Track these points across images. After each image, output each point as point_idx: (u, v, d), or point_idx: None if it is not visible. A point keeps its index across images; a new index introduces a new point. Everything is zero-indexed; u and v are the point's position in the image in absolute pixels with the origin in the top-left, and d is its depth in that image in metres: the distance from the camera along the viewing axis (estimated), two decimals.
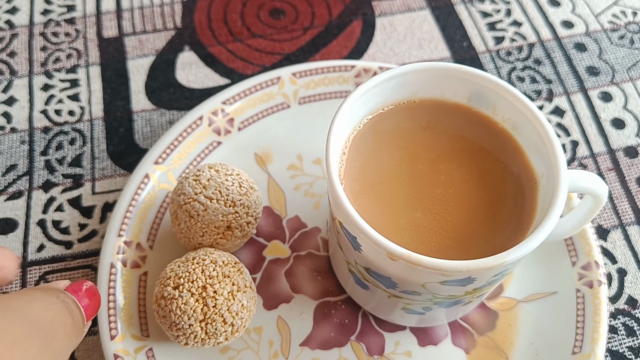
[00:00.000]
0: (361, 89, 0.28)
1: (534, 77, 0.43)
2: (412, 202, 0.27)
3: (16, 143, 0.40)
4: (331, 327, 0.33)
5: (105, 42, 0.44)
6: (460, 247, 0.27)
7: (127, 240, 0.34)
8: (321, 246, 0.35)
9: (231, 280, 0.30)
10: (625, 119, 0.41)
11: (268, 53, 0.43)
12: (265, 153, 0.38)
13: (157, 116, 0.40)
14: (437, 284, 0.25)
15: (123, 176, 0.38)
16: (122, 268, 0.33)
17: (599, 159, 0.39)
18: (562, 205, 0.25)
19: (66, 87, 0.42)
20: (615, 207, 0.37)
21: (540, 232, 0.24)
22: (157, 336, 0.32)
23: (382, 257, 0.25)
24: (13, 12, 0.45)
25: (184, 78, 0.42)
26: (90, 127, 0.40)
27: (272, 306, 0.34)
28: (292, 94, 0.39)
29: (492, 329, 0.33)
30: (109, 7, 0.46)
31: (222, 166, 0.33)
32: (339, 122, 0.27)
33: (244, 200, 0.32)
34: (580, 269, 0.33)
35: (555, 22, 0.45)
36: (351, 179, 0.28)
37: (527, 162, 0.29)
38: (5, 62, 0.43)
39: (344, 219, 0.25)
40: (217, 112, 0.37)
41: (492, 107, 0.29)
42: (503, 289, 0.34)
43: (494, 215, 0.27)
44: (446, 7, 0.46)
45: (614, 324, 0.34)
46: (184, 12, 0.45)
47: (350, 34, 0.44)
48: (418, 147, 0.29)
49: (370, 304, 0.32)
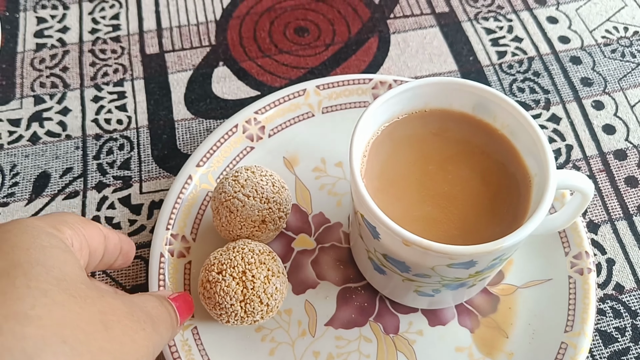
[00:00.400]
0: (380, 100, 0.32)
1: (533, 87, 0.47)
2: (424, 197, 0.32)
3: (71, 149, 0.44)
4: (352, 310, 0.37)
5: (148, 58, 0.49)
6: (464, 235, 0.31)
7: (173, 233, 0.38)
8: (343, 239, 0.40)
9: (266, 267, 0.34)
10: (616, 125, 0.45)
11: (294, 67, 0.48)
12: (293, 157, 0.42)
13: (196, 124, 0.45)
14: (445, 266, 0.29)
15: (166, 178, 0.43)
16: (169, 257, 0.38)
17: (591, 161, 0.43)
18: (550, 200, 0.29)
19: (114, 99, 0.47)
20: (606, 204, 0.42)
21: (531, 222, 0.28)
22: (200, 316, 0.36)
23: (397, 244, 0.29)
24: (64, 31, 0.51)
25: (219, 90, 0.47)
26: (136, 134, 0.45)
27: (300, 291, 0.37)
28: (317, 104, 0.43)
29: (494, 312, 0.37)
30: (151, 26, 0.51)
31: (257, 168, 0.37)
32: (361, 129, 0.32)
33: (276, 198, 0.36)
34: (572, 258, 0.37)
35: (553, 37, 0.50)
36: (371, 178, 0.32)
37: (522, 163, 0.33)
38: (59, 76, 0.48)
39: (366, 212, 0.30)
40: (251, 120, 0.42)
41: (492, 116, 0.34)
42: (504, 276, 0.38)
43: (494, 209, 0.32)
44: (454, 24, 0.50)
45: (603, 307, 0.38)
46: (217, 31, 0.50)
47: (368, 49, 0.49)
48: (429, 151, 0.33)
49: (386, 289, 0.37)
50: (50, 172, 0.43)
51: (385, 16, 0.51)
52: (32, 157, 0.44)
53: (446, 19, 0.51)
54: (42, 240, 0.23)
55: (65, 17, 0.51)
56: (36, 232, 0.24)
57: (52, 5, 0.52)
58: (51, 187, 0.42)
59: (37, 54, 0.49)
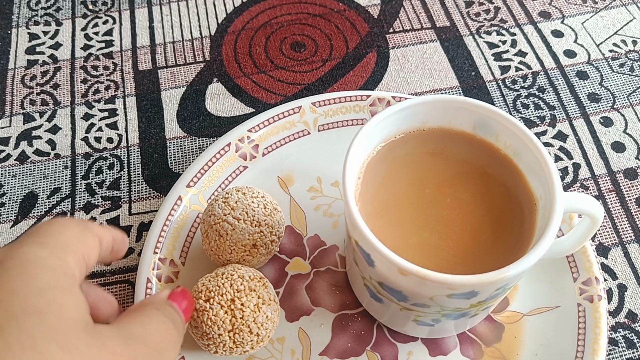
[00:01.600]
0: (375, 119, 0.31)
1: (538, 103, 0.45)
2: (421, 223, 0.30)
3: (60, 168, 0.43)
4: (348, 338, 0.36)
5: (141, 74, 0.48)
6: (465, 263, 0.29)
7: (161, 257, 0.37)
8: (339, 263, 0.38)
9: (257, 294, 0.32)
10: (625, 142, 0.43)
11: (290, 83, 0.47)
12: (288, 176, 0.41)
13: (188, 143, 0.44)
14: (444, 297, 0.28)
15: (157, 198, 0.42)
16: (157, 283, 0.36)
17: (600, 180, 0.42)
18: (557, 225, 0.27)
19: (105, 117, 0.45)
20: (616, 226, 0.40)
21: (537, 250, 0.27)
22: (188, 345, 0.34)
23: (393, 272, 0.27)
24: (56, 48, 0.50)
25: (213, 107, 0.46)
26: (127, 153, 0.44)
27: (293, 318, 0.36)
28: (312, 121, 0.42)
29: (499, 341, 0.35)
30: (144, 42, 0.49)
31: (249, 189, 0.36)
32: (355, 149, 0.30)
33: (268, 221, 0.35)
34: (582, 285, 0.36)
35: (559, 51, 0.48)
36: (366, 202, 0.31)
37: (527, 185, 0.31)
38: (49, 93, 0.47)
39: (359, 238, 0.28)
40: (244, 139, 0.41)
41: (494, 135, 0.32)
42: (509, 303, 0.36)
43: (496, 235, 0.30)
44: (455, 39, 0.49)
45: (615, 337, 0.36)
46: (212, 46, 0.49)
47: (366, 65, 0.48)
48: (427, 172, 0.32)
49: (384, 317, 0.35)
50: (38, 192, 0.42)
51: (384, 31, 0.50)
52: (19, 177, 0.42)
53: (447, 33, 0.49)
54: (41, 280, 0.22)
55: (57, 33, 0.50)
56: (35, 271, 0.22)
57: (45, 22, 0.51)
58: (38, 208, 0.41)
59: (28, 70, 0.48)
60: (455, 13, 0.51)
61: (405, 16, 0.51)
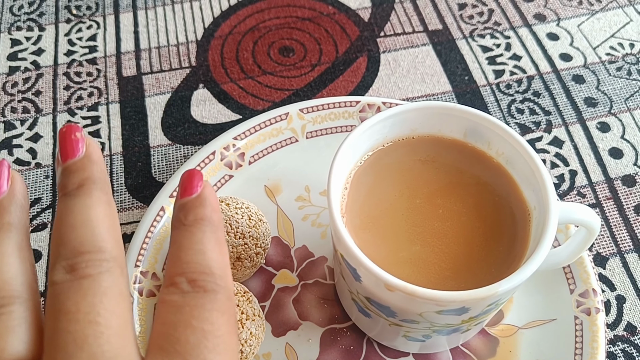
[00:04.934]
0: (362, 127, 0.30)
1: (533, 108, 0.44)
2: (411, 235, 0.29)
3: (41, 178, 0.42)
4: (337, 354, 0.34)
5: (125, 80, 0.46)
6: (457, 277, 0.28)
7: (143, 270, 0.36)
8: (327, 275, 0.37)
9: (240, 309, 0.31)
10: (623, 148, 0.42)
11: (278, 89, 0.45)
12: (275, 185, 0.40)
13: (173, 151, 0.43)
14: (434, 313, 0.27)
15: (140, 209, 0.40)
16: (138, 297, 0.35)
17: (597, 187, 0.40)
18: (551, 238, 0.26)
19: (88, 124, 0.44)
20: (614, 235, 0.38)
21: (530, 264, 0.25)
22: None
23: (380, 288, 0.26)
24: (39, 54, 0.48)
25: (198, 114, 0.44)
26: (109, 161, 0.42)
27: (280, 333, 0.35)
28: (300, 128, 0.41)
29: (493, 355, 0.34)
30: (129, 47, 0.48)
31: (233, 200, 0.35)
32: (340, 159, 0.29)
33: (253, 232, 0.34)
34: (578, 297, 0.34)
35: (554, 55, 0.47)
36: (353, 213, 0.29)
37: (520, 195, 0.30)
38: (31, 100, 0.46)
39: (345, 252, 0.27)
40: (229, 147, 0.39)
41: (486, 143, 0.31)
42: (503, 316, 0.35)
43: (489, 247, 0.29)
44: (448, 42, 0.48)
45: (613, 351, 0.35)
46: (198, 51, 0.48)
47: (356, 69, 0.46)
48: (417, 182, 0.31)
49: (373, 331, 0.34)
50: None
51: (375, 34, 0.48)
52: None
53: (439, 36, 0.48)
54: None
55: (40, 38, 0.49)
56: None
57: (28, 27, 0.50)
58: None
59: (9, 77, 0.47)
60: (448, 16, 0.50)
61: (397, 19, 0.49)
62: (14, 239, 0.21)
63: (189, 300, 0.20)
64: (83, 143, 0.22)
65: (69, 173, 0.21)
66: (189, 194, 0.23)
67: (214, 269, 0.21)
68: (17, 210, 0.21)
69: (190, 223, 0.22)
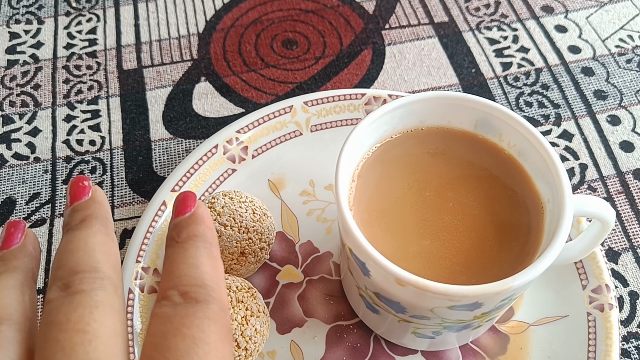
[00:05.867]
0: (369, 118, 0.29)
1: (542, 101, 0.43)
2: (421, 229, 0.28)
3: (39, 172, 0.41)
4: (343, 351, 0.34)
5: (125, 74, 0.45)
6: (469, 272, 0.27)
7: (144, 266, 0.35)
8: (333, 270, 0.36)
9: (244, 306, 0.30)
10: (635, 141, 0.41)
11: (281, 82, 0.45)
12: (279, 179, 0.39)
13: (174, 145, 0.42)
14: (445, 308, 0.26)
15: (141, 203, 0.39)
16: (139, 293, 0.34)
17: (608, 181, 0.39)
18: (567, 230, 0.25)
19: (87, 118, 0.43)
20: (626, 230, 0.37)
21: (546, 257, 0.25)
22: None
23: (390, 283, 0.25)
24: (38, 47, 0.47)
25: (200, 108, 0.43)
26: (110, 156, 0.41)
27: (285, 330, 0.34)
28: (304, 122, 0.40)
29: (504, 353, 0.33)
30: (129, 40, 0.47)
31: (236, 193, 0.34)
32: (348, 151, 0.28)
33: (257, 227, 0.33)
34: (591, 292, 0.34)
35: (563, 47, 0.46)
36: (361, 207, 0.29)
37: (533, 188, 0.29)
38: (30, 94, 0.45)
39: (353, 245, 0.26)
40: (232, 140, 0.39)
41: (497, 134, 0.30)
42: (514, 313, 0.34)
43: (502, 241, 0.28)
44: (454, 35, 0.47)
45: (627, 348, 0.34)
46: (200, 44, 0.47)
47: (361, 62, 0.45)
48: (426, 174, 0.30)
49: (381, 328, 0.33)
50: (16, 197, 0.40)
51: (379, 27, 0.47)
52: None
53: (446, 29, 0.47)
54: None
55: (39, 31, 0.48)
56: None
57: (27, 20, 0.49)
58: (16, 214, 0.39)
59: (8, 71, 0.46)
60: (454, 8, 0.49)
61: (402, 11, 0.49)
62: (16, 277, 0.21)
63: (180, 311, 0.20)
64: (90, 189, 0.23)
65: (74, 212, 0.22)
66: (183, 213, 0.23)
67: (206, 282, 0.21)
68: (26, 258, 0.22)
69: (184, 240, 0.22)
